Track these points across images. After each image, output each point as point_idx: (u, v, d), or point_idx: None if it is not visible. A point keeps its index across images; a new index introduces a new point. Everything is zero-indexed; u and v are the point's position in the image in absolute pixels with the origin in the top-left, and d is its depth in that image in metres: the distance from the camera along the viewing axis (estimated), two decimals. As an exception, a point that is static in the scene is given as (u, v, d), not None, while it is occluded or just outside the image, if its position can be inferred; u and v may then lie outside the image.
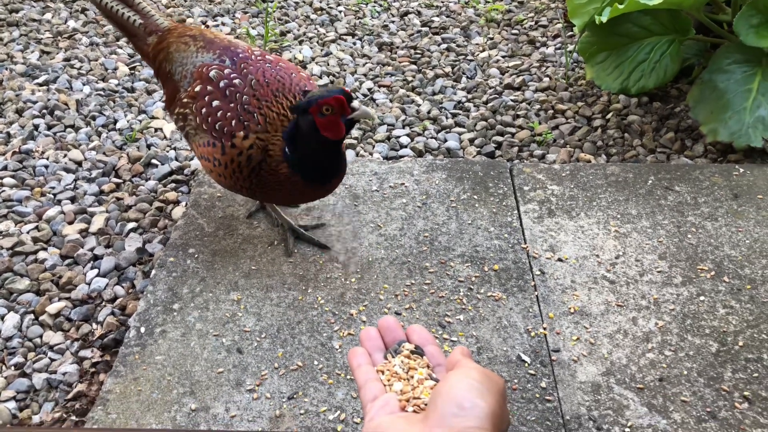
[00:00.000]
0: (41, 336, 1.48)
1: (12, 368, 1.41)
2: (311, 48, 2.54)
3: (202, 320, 1.43)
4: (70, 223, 1.75)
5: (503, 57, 2.49)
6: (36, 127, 2.08)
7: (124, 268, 1.63)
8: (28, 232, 1.72)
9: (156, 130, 2.10)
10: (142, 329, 1.41)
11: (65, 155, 1.98)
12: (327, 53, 2.52)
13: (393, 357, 0.78)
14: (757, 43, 1.83)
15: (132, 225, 1.73)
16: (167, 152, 2.00)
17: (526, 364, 1.34)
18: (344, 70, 2.42)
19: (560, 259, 1.58)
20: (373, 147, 2.04)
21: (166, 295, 1.49)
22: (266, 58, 1.51)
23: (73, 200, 1.83)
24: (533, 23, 2.71)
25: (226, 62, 1.50)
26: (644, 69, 2.06)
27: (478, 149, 2.02)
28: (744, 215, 1.69)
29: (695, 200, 1.74)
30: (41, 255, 1.66)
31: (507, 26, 2.71)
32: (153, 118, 2.15)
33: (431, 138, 2.07)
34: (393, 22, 2.74)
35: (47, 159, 1.96)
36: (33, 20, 2.67)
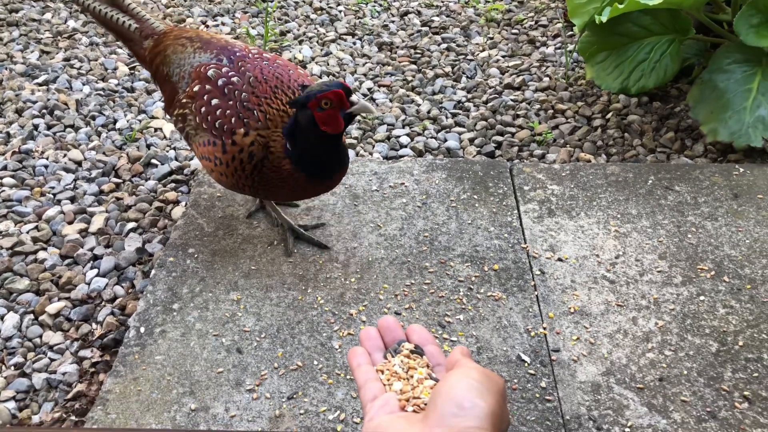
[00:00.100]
0: (41, 336, 1.48)
1: (12, 368, 1.41)
2: (311, 48, 2.54)
3: (202, 320, 1.43)
4: (70, 223, 1.75)
5: (503, 57, 2.49)
6: (36, 127, 2.08)
7: (124, 268, 1.63)
8: (28, 232, 1.72)
9: (156, 130, 2.10)
10: (142, 329, 1.41)
11: (65, 155, 1.98)
12: (327, 53, 2.52)
13: (393, 357, 0.77)
14: (757, 43, 1.83)
15: (132, 225, 1.73)
16: (167, 152, 2.00)
17: (526, 364, 1.34)
18: (344, 70, 2.41)
19: (560, 259, 1.58)
20: (373, 147, 2.04)
21: (166, 295, 1.49)
22: (264, 57, 1.51)
23: (73, 200, 1.83)
24: (533, 23, 2.71)
25: (224, 61, 1.50)
26: (644, 69, 2.06)
27: (478, 149, 2.02)
28: (744, 215, 1.69)
29: (695, 200, 1.74)
30: (41, 255, 1.66)
31: (507, 26, 2.71)
32: (153, 118, 2.15)
33: (431, 138, 2.07)
34: (393, 22, 2.74)
35: (47, 159, 1.96)
36: (33, 20, 2.67)
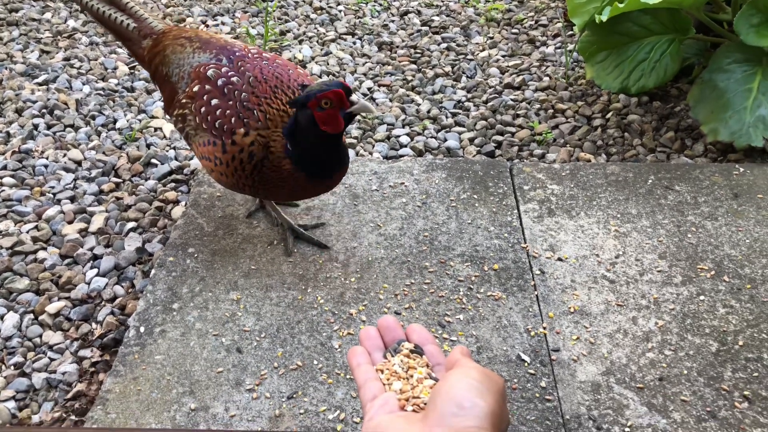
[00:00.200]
0: (41, 335, 1.48)
1: (11, 368, 1.41)
2: (311, 47, 2.54)
3: (202, 320, 1.43)
4: (70, 223, 1.75)
5: (503, 56, 2.49)
6: (36, 127, 2.08)
7: (124, 268, 1.63)
8: (28, 232, 1.72)
9: (155, 130, 2.10)
10: (142, 329, 1.41)
11: (65, 155, 1.97)
12: (327, 53, 2.52)
13: (392, 356, 0.77)
14: (758, 43, 1.83)
15: (131, 224, 1.73)
16: (167, 152, 2.00)
17: (526, 364, 1.34)
18: (344, 70, 2.41)
19: (560, 259, 1.57)
20: (373, 146, 2.03)
21: (166, 295, 1.49)
22: (263, 56, 1.51)
23: (73, 200, 1.83)
24: (533, 22, 2.71)
25: (223, 61, 1.50)
26: (644, 68, 2.06)
27: (478, 149, 2.02)
28: (744, 215, 1.69)
29: (695, 200, 1.74)
30: (41, 254, 1.66)
31: (507, 25, 2.71)
32: (153, 118, 2.15)
33: (431, 137, 2.07)
34: (393, 22, 2.74)
35: (47, 158, 1.96)
36: (33, 20, 2.67)
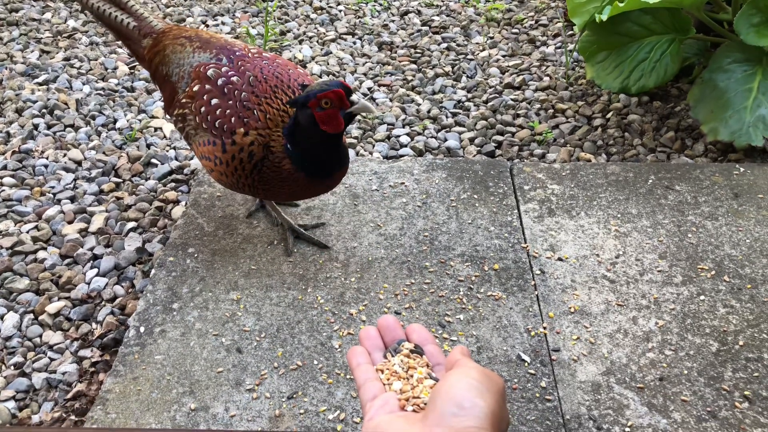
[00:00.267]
0: (41, 335, 1.48)
1: (11, 368, 1.41)
2: (311, 47, 2.54)
3: (202, 320, 1.43)
4: (70, 223, 1.75)
5: (503, 56, 2.49)
6: (36, 127, 2.08)
7: (124, 268, 1.63)
8: (28, 232, 1.72)
9: (156, 130, 2.10)
10: (142, 329, 1.41)
11: (65, 155, 1.97)
12: (327, 52, 2.52)
13: (392, 356, 0.77)
14: (758, 42, 1.83)
15: (132, 224, 1.73)
16: (167, 152, 2.00)
17: (526, 364, 1.34)
18: (344, 70, 2.41)
19: (560, 259, 1.57)
20: (373, 146, 2.03)
21: (166, 295, 1.49)
22: (263, 56, 1.51)
23: (73, 200, 1.83)
24: (533, 22, 2.71)
25: (223, 61, 1.50)
26: (644, 68, 2.06)
27: (478, 148, 2.02)
28: (744, 214, 1.69)
29: (695, 199, 1.74)
30: (41, 254, 1.66)
31: (507, 25, 2.71)
32: (153, 118, 2.15)
33: (431, 137, 2.07)
34: (393, 22, 2.74)
35: (47, 158, 1.96)
36: (33, 20, 2.67)
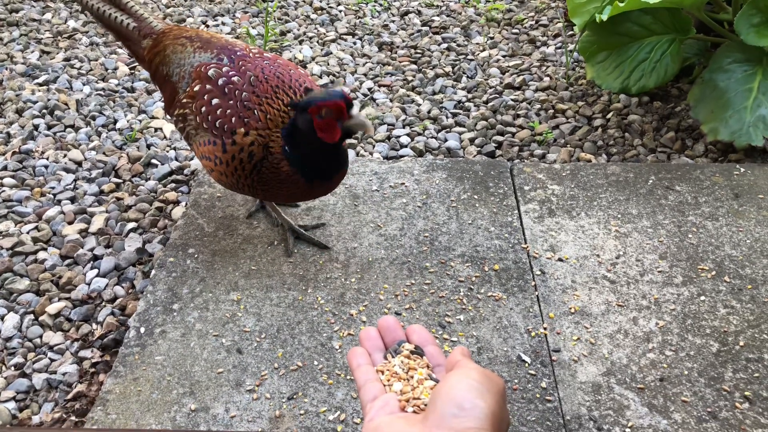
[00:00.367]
0: (41, 336, 1.48)
1: (12, 368, 1.41)
2: (311, 48, 2.54)
3: (202, 320, 1.43)
4: (70, 223, 1.75)
5: (503, 56, 2.49)
6: (36, 127, 2.08)
7: (124, 269, 1.63)
8: (28, 232, 1.72)
9: (156, 130, 2.10)
10: (142, 329, 1.41)
11: (65, 155, 1.97)
12: (327, 53, 2.52)
13: (393, 357, 0.77)
14: (758, 43, 1.83)
15: (132, 225, 1.73)
16: (167, 152, 2.00)
17: (527, 364, 1.34)
18: (344, 70, 2.41)
19: (561, 259, 1.57)
20: (374, 147, 2.03)
21: (166, 296, 1.49)
22: (264, 56, 1.51)
23: (73, 200, 1.83)
24: (533, 22, 2.71)
25: (224, 61, 1.50)
26: (645, 68, 2.06)
27: (479, 149, 2.02)
28: (745, 215, 1.69)
29: (696, 200, 1.74)
30: (41, 255, 1.66)
31: (507, 26, 2.71)
32: (153, 118, 2.15)
33: (431, 138, 2.07)
34: (393, 22, 2.74)
35: (47, 159, 1.96)
36: (33, 20, 2.67)
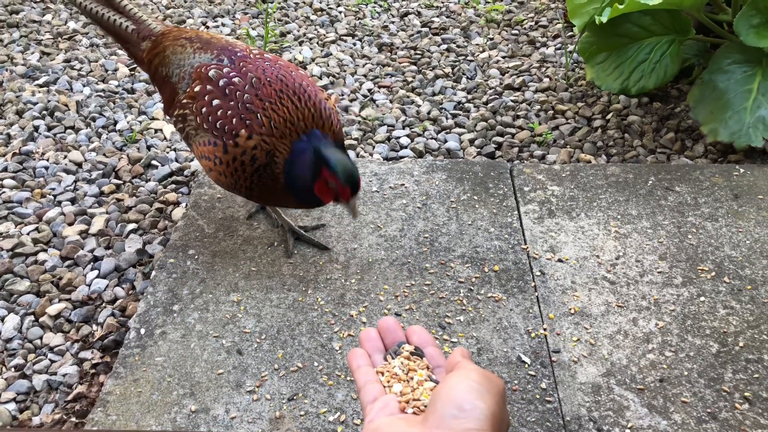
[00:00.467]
0: (41, 337, 1.48)
1: (12, 370, 1.41)
2: (311, 49, 2.54)
3: (202, 321, 1.43)
4: (70, 225, 1.75)
5: (503, 57, 2.49)
6: (36, 129, 2.08)
7: (124, 270, 1.63)
8: (29, 234, 1.72)
9: (156, 132, 2.10)
10: (142, 330, 1.41)
11: (65, 156, 1.98)
12: (327, 54, 2.52)
13: (393, 358, 0.77)
14: (758, 44, 1.83)
15: (132, 226, 1.73)
16: (167, 153, 2.00)
17: (527, 365, 1.34)
18: (344, 71, 2.42)
19: (560, 260, 1.57)
20: (373, 148, 2.03)
21: (166, 297, 1.49)
22: (265, 57, 1.51)
23: (73, 201, 1.83)
24: (533, 24, 2.71)
25: (225, 61, 1.50)
26: (644, 69, 2.06)
27: (478, 150, 2.02)
28: (744, 216, 1.69)
29: (695, 201, 1.74)
30: (41, 256, 1.66)
31: (507, 27, 2.71)
32: (153, 119, 2.15)
33: (431, 139, 2.07)
34: (393, 23, 2.74)
35: (47, 160, 1.96)
36: (33, 21, 2.68)
